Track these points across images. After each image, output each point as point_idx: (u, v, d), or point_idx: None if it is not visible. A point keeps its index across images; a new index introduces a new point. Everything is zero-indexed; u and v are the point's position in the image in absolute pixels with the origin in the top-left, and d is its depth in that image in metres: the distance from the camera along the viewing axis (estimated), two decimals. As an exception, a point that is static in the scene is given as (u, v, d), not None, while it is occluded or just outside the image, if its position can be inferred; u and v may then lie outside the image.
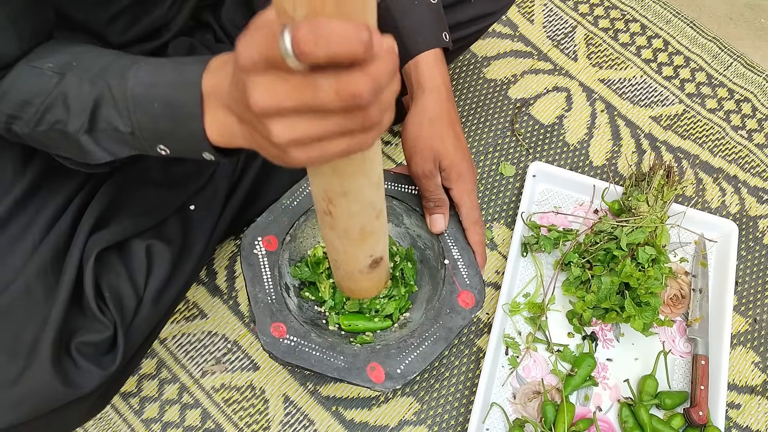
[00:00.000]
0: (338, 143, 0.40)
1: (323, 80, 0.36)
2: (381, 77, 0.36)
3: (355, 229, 0.60)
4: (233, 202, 0.85)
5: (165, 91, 0.50)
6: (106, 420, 0.86)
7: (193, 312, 0.92)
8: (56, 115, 0.54)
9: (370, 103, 0.37)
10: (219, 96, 0.47)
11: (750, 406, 0.93)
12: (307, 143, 0.40)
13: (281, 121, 0.39)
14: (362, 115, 0.38)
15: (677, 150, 1.10)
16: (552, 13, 1.21)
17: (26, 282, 0.64)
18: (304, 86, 0.36)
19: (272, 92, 0.37)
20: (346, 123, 0.38)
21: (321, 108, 0.37)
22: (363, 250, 0.65)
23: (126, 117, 0.52)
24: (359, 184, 0.52)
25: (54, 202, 0.69)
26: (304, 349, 0.71)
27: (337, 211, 0.56)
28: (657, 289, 0.87)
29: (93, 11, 0.67)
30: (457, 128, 0.79)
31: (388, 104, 0.40)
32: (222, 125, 0.48)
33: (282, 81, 0.37)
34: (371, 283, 0.75)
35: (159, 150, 0.54)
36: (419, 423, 0.88)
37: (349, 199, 0.54)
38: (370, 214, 0.58)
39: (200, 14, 0.85)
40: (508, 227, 1.02)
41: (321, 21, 0.33)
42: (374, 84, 0.36)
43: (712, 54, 1.19)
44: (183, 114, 0.50)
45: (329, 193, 0.54)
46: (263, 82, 0.37)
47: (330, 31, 0.33)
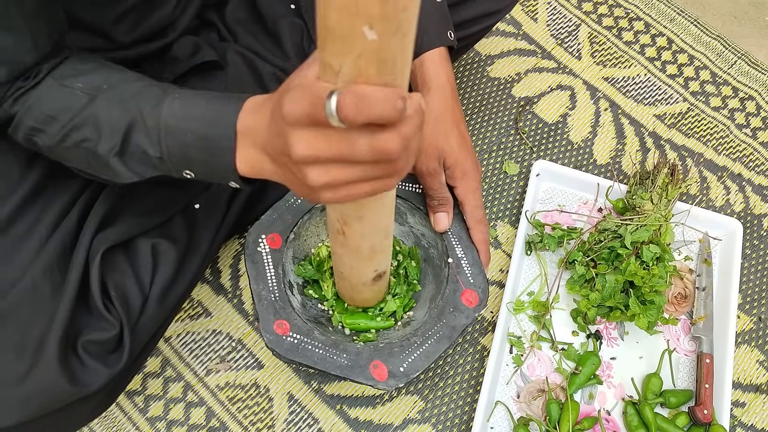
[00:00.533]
0: (366, 186, 0.45)
1: (359, 138, 0.40)
2: (409, 135, 0.41)
3: (365, 247, 0.63)
4: (238, 200, 0.86)
5: (199, 126, 0.54)
6: (110, 418, 0.86)
7: (198, 310, 0.92)
8: (84, 135, 0.57)
9: (399, 156, 0.41)
10: (253, 137, 0.51)
11: (755, 404, 0.93)
12: (339, 186, 0.44)
13: (317, 168, 0.43)
14: (390, 165, 0.42)
15: (681, 148, 1.10)
16: (556, 12, 1.21)
17: (33, 280, 0.64)
18: (342, 141, 0.41)
19: (313, 145, 0.42)
20: (375, 171, 0.43)
21: (355, 159, 0.42)
22: (369, 266, 0.68)
23: (156, 143, 0.55)
24: (375, 211, 0.56)
25: (60, 201, 0.69)
26: (307, 347, 0.71)
27: (350, 232, 0.59)
28: (661, 287, 0.87)
29: (99, 11, 0.67)
30: (462, 127, 0.79)
31: (414, 152, 0.44)
32: (253, 161, 0.52)
33: (323, 135, 0.41)
34: (372, 294, 0.77)
35: (185, 174, 0.57)
36: (423, 421, 0.89)
37: (363, 223, 0.57)
38: (380, 236, 0.61)
39: (205, 13, 0.85)
40: (513, 226, 1.02)
41: (363, 90, 0.38)
42: (404, 142, 0.41)
43: (716, 52, 1.19)
44: (215, 148, 0.53)
45: (345, 216, 0.57)
46: (305, 136, 0.42)
47: (371, 100, 0.37)
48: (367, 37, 0.36)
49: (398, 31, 0.37)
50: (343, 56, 0.38)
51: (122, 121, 0.56)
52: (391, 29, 0.36)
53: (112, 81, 0.58)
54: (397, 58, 0.39)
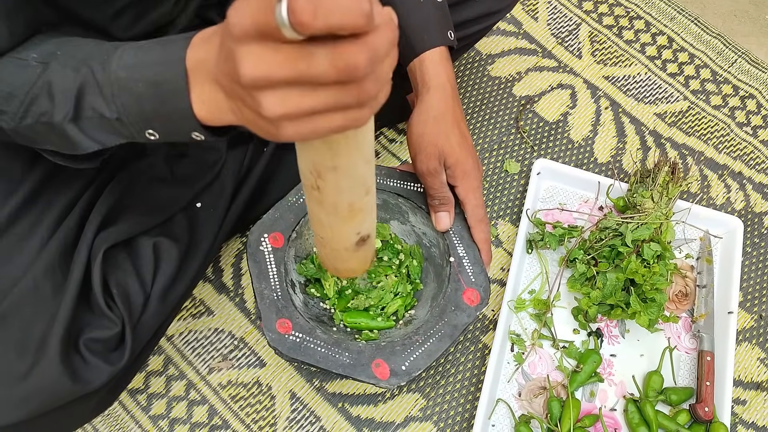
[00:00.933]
0: (332, 118, 0.38)
1: (318, 50, 0.34)
2: (379, 49, 0.35)
3: (344, 205, 0.57)
4: (239, 199, 0.86)
5: (149, 71, 0.48)
6: (114, 416, 0.86)
7: (200, 309, 0.92)
8: (41, 107, 0.53)
9: (367, 75, 0.35)
10: (205, 69, 0.45)
11: (756, 402, 0.93)
12: (300, 117, 0.38)
13: (272, 94, 0.37)
14: (358, 88, 0.36)
15: (682, 147, 1.10)
16: (556, 11, 1.21)
17: (34, 279, 0.64)
18: (297, 56, 0.34)
19: (264, 62, 0.35)
20: (340, 97, 0.36)
21: (315, 80, 0.35)
22: (351, 227, 0.62)
23: (111, 102, 0.50)
24: (351, 158, 0.50)
25: (61, 201, 0.69)
26: (309, 346, 0.71)
27: (326, 186, 0.53)
28: (662, 285, 0.87)
29: (98, 7, 0.67)
30: (463, 126, 0.79)
31: (385, 78, 0.38)
32: (210, 100, 0.46)
33: (274, 51, 0.35)
34: (357, 262, 0.71)
35: (147, 135, 0.52)
36: (425, 419, 0.89)
37: (339, 174, 0.51)
38: (360, 190, 0.56)
39: (205, 12, 0.85)
40: (513, 224, 1.02)
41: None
42: (372, 55, 0.35)
43: (716, 51, 1.19)
44: (168, 92, 0.48)
45: (318, 166, 0.51)
46: (255, 52, 0.35)
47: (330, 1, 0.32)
48: None
49: None
50: None
51: (74, 83, 0.51)
52: None
53: (66, 46, 0.55)
54: None
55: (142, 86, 0.49)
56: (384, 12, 0.35)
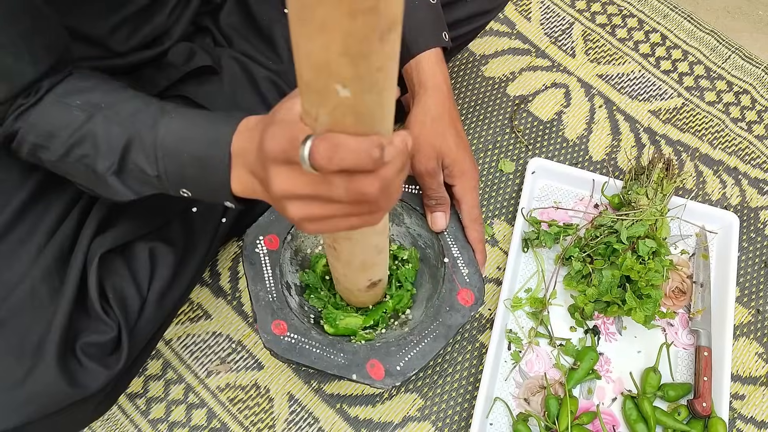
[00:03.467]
0: (347, 221, 0.45)
1: (336, 180, 0.40)
2: (390, 178, 0.41)
3: (357, 262, 0.64)
4: (235, 203, 0.86)
5: (195, 146, 0.54)
6: (113, 421, 0.87)
7: (198, 313, 0.93)
8: (84, 150, 0.57)
9: (379, 197, 0.41)
10: (245, 159, 0.51)
11: (755, 396, 0.93)
12: (319, 220, 0.44)
13: (296, 203, 0.44)
14: (370, 204, 0.42)
15: (677, 143, 1.10)
16: (549, 10, 1.21)
17: (31, 285, 0.65)
18: (319, 182, 0.41)
19: (290, 182, 0.42)
20: (355, 210, 0.43)
21: (333, 200, 0.42)
22: (363, 276, 0.69)
23: (154, 162, 0.56)
24: (364, 233, 0.56)
25: (58, 207, 0.70)
26: (304, 347, 0.72)
27: (341, 249, 0.60)
28: (658, 281, 0.87)
29: (94, 23, 0.68)
30: (459, 126, 0.80)
31: (397, 190, 0.44)
32: (246, 183, 0.53)
33: (300, 174, 0.42)
34: (368, 298, 0.79)
35: (181, 193, 0.58)
36: (423, 419, 0.89)
37: (353, 242, 0.58)
38: (372, 252, 0.62)
39: (199, 20, 0.86)
40: (509, 223, 1.03)
41: (337, 140, 0.38)
42: (382, 185, 0.40)
43: (710, 47, 1.19)
44: (211, 168, 0.54)
45: (335, 235, 0.58)
46: (283, 173, 0.43)
47: (344, 150, 0.37)
48: (341, 94, 0.36)
49: (373, 89, 0.37)
50: (319, 107, 0.38)
51: (120, 140, 0.56)
52: (365, 88, 0.36)
53: (110, 99, 0.59)
54: (375, 110, 0.39)
55: (187, 157, 0.55)
56: (396, 141, 0.41)
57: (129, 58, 0.74)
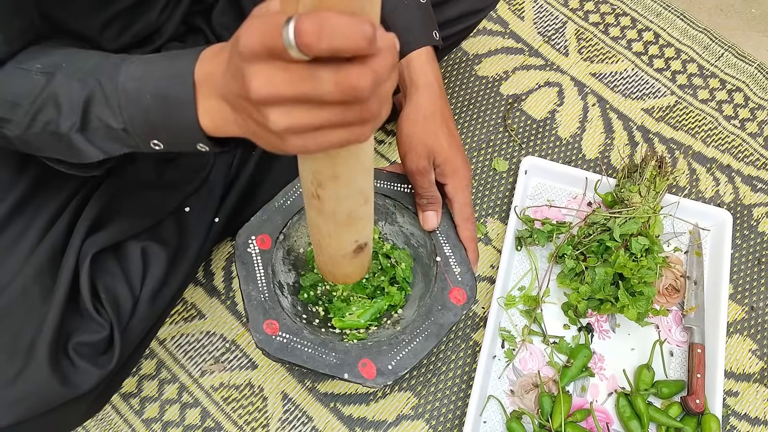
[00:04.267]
0: (335, 134, 0.40)
1: (324, 72, 0.36)
2: (381, 71, 0.37)
3: (343, 213, 0.59)
4: (228, 203, 0.87)
5: (157, 84, 0.50)
6: (107, 420, 0.87)
7: (192, 313, 0.93)
8: (47, 116, 0.54)
9: (370, 96, 0.38)
10: (212, 84, 0.47)
11: (748, 393, 0.93)
12: (304, 131, 0.40)
13: (279, 109, 0.39)
14: (361, 107, 0.38)
15: (670, 141, 1.11)
16: (542, 10, 1.22)
17: (24, 284, 0.65)
18: (304, 76, 0.37)
19: (272, 81, 0.38)
20: (344, 114, 0.39)
21: (320, 99, 0.37)
22: (349, 234, 0.64)
23: (118, 113, 0.52)
24: (351, 168, 0.52)
25: (50, 206, 0.70)
26: (296, 346, 0.72)
27: (326, 195, 0.55)
28: (650, 278, 0.87)
29: (85, 19, 0.68)
30: (451, 125, 0.80)
31: (386, 97, 0.40)
32: (215, 113, 0.48)
33: (282, 70, 0.37)
34: (353, 269, 0.74)
35: (152, 145, 0.54)
36: (417, 417, 0.89)
37: (338, 183, 0.53)
38: (358, 199, 0.58)
39: (191, 19, 0.86)
40: (502, 222, 1.03)
41: (325, 14, 0.34)
42: (375, 78, 0.37)
43: (703, 45, 1.19)
44: (175, 104, 0.49)
45: (318, 176, 0.53)
46: (263, 71, 0.38)
47: (334, 25, 0.34)
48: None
49: None
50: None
51: (81, 94, 0.53)
52: None
53: (71, 57, 0.56)
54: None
55: (149, 98, 0.50)
56: (387, 37, 0.37)
57: None
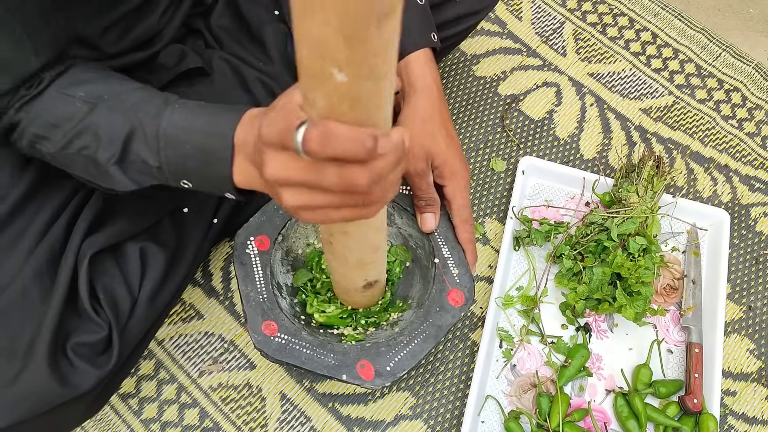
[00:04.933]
0: (341, 213, 0.45)
1: (329, 167, 0.41)
2: (382, 170, 0.41)
3: (353, 259, 0.64)
4: (227, 204, 0.87)
5: (198, 136, 0.55)
6: (105, 421, 0.87)
7: (190, 313, 0.93)
8: (85, 142, 0.58)
9: (370, 189, 0.42)
10: (246, 149, 0.52)
11: (746, 393, 0.93)
12: (313, 210, 0.45)
13: (290, 190, 0.44)
14: (363, 196, 0.43)
15: (668, 141, 1.11)
16: (540, 10, 1.22)
17: (22, 285, 0.65)
18: (312, 169, 0.42)
19: (284, 168, 0.43)
20: (347, 200, 0.44)
21: (325, 188, 0.42)
22: (359, 275, 0.69)
23: (155, 153, 0.56)
24: (361, 227, 0.56)
25: (49, 207, 0.71)
26: (294, 347, 0.72)
27: (337, 244, 0.60)
28: (648, 278, 0.87)
29: (86, 23, 0.68)
30: (449, 126, 0.80)
31: (390, 186, 0.44)
32: (246, 174, 0.54)
33: (294, 160, 0.42)
34: (365, 299, 0.79)
35: (182, 184, 0.58)
36: (415, 417, 0.89)
37: (349, 237, 0.58)
38: (368, 250, 0.62)
39: (191, 22, 0.86)
40: (500, 222, 1.03)
41: (331, 127, 0.38)
42: (373, 176, 0.41)
43: (700, 45, 1.20)
44: (213, 159, 0.55)
45: (331, 229, 0.58)
46: (278, 158, 0.44)
47: (337, 138, 0.38)
48: (337, 79, 0.36)
49: (371, 76, 0.37)
50: (315, 91, 0.39)
51: (122, 130, 0.57)
52: (362, 73, 0.36)
53: (114, 90, 0.60)
54: (372, 99, 0.39)
55: (189, 148, 0.55)
56: (393, 136, 0.41)
57: (120, 59, 0.75)
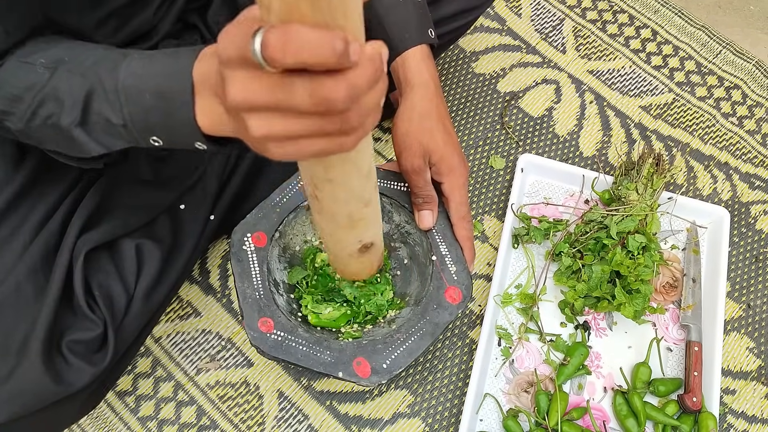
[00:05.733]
0: (315, 143, 0.39)
1: (298, 82, 0.35)
2: (359, 84, 0.36)
3: (342, 215, 0.59)
4: (223, 200, 0.86)
5: (156, 81, 0.50)
6: (102, 418, 0.87)
7: (187, 311, 0.93)
8: (49, 110, 0.55)
9: (348, 108, 0.37)
10: (209, 83, 0.47)
11: (745, 391, 0.93)
12: (284, 140, 0.39)
13: (257, 116, 0.38)
14: (339, 118, 0.37)
15: (668, 138, 1.10)
16: (540, 7, 1.21)
17: (17, 281, 0.65)
18: (278, 86, 0.36)
19: (247, 88, 0.37)
20: (322, 125, 0.38)
21: (295, 108, 0.37)
22: (351, 235, 0.65)
23: (118, 109, 0.52)
24: (345, 172, 0.52)
25: (44, 204, 0.70)
26: (291, 344, 0.72)
27: (324, 197, 0.55)
28: (647, 276, 0.87)
29: (80, 16, 0.68)
30: (447, 123, 0.80)
31: (369, 109, 0.39)
32: (211, 113, 0.48)
33: (257, 78, 0.37)
34: (361, 267, 0.75)
35: (152, 141, 0.54)
36: (413, 415, 0.89)
37: (334, 186, 0.53)
38: (357, 202, 0.58)
39: (187, 17, 0.85)
40: (499, 219, 1.02)
41: (292, 28, 0.33)
42: (350, 91, 0.36)
43: (701, 42, 1.19)
44: (174, 102, 0.50)
45: (314, 179, 0.53)
46: (239, 78, 0.37)
47: (300, 39, 0.33)
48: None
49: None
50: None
51: (82, 90, 0.53)
52: None
53: (74, 52, 0.56)
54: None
55: (148, 96, 0.51)
56: (368, 47, 0.37)
57: None
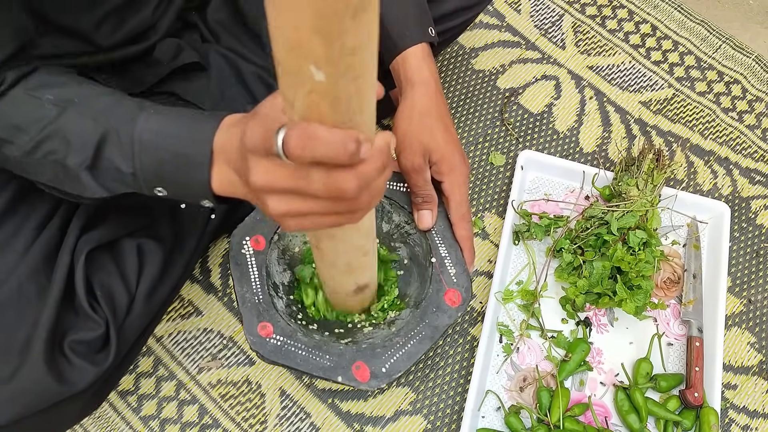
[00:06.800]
0: (327, 219, 0.44)
1: (314, 172, 0.40)
2: (369, 175, 0.40)
3: (341, 263, 0.63)
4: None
5: (175, 141, 0.53)
6: (104, 418, 0.87)
7: (189, 310, 0.93)
8: (53, 146, 0.56)
9: (357, 194, 0.41)
10: (227, 155, 0.51)
11: (747, 386, 0.93)
12: (299, 216, 0.44)
13: (277, 198, 0.44)
14: (349, 202, 0.42)
15: (668, 134, 1.10)
16: (539, 2, 1.21)
17: (18, 282, 0.65)
18: (297, 175, 0.41)
19: (269, 175, 0.42)
20: (334, 206, 0.43)
21: (311, 194, 0.42)
22: (350, 279, 0.69)
23: (129, 159, 0.55)
24: (347, 231, 0.55)
25: (45, 204, 0.70)
26: (290, 349, 0.71)
27: (325, 248, 0.59)
28: (648, 272, 0.87)
29: (79, 16, 0.68)
30: (448, 121, 0.79)
31: (377, 191, 0.44)
32: (226, 180, 0.52)
33: (279, 167, 0.42)
34: (356, 303, 0.78)
35: (156, 192, 0.57)
36: (415, 413, 0.89)
37: (336, 242, 0.57)
38: (357, 254, 0.61)
39: (186, 15, 0.85)
40: (500, 216, 1.02)
41: (312, 129, 0.37)
42: (361, 182, 0.40)
43: (700, 37, 1.19)
44: (191, 165, 0.53)
45: (317, 234, 0.57)
46: (263, 165, 0.43)
47: (317, 140, 0.37)
48: (315, 77, 0.35)
49: (348, 73, 0.36)
50: (294, 90, 0.37)
51: (94, 135, 0.55)
52: (340, 71, 0.35)
53: (84, 94, 0.58)
54: (352, 98, 0.37)
55: (166, 154, 0.54)
56: (377, 141, 0.41)
57: (115, 53, 0.74)
